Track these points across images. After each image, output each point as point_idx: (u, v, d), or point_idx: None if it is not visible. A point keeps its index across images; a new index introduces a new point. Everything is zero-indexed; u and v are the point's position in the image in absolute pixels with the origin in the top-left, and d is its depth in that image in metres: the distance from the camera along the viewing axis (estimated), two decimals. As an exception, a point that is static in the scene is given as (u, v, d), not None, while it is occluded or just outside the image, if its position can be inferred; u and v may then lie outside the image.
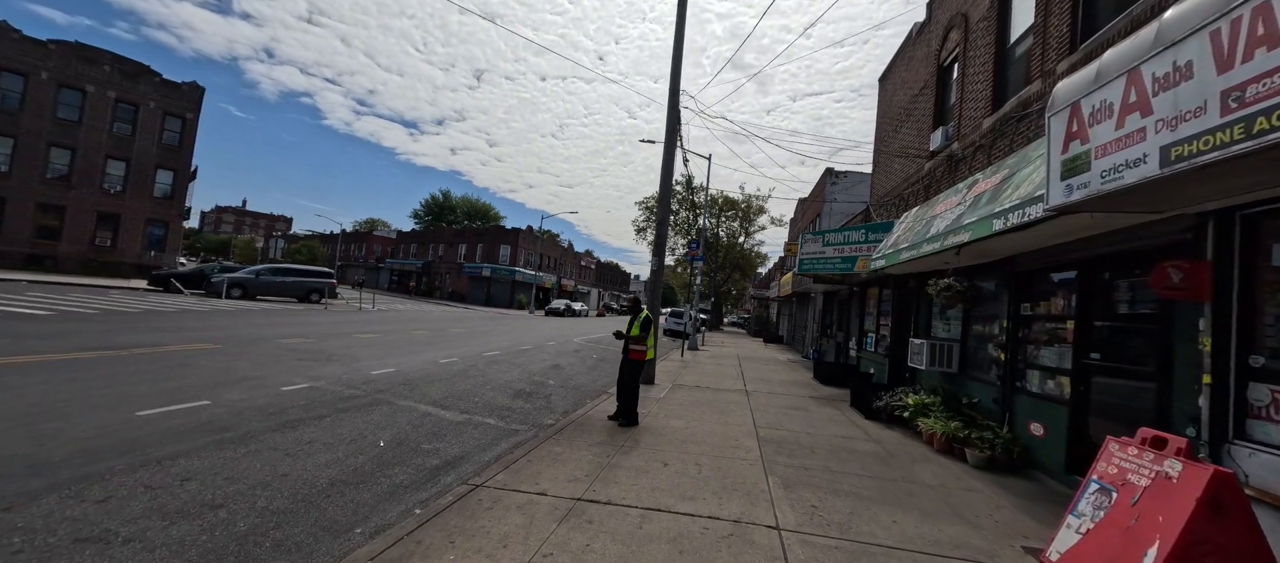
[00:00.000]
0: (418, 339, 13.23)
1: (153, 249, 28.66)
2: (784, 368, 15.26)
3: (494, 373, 9.44)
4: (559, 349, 14.86)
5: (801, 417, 7.75)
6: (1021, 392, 6.00)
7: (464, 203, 75.55)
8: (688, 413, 7.43)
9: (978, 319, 7.36)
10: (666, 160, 10.46)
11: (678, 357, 15.93)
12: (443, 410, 6.42)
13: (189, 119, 29.70)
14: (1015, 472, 5.52)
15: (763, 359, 17.84)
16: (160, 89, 28.69)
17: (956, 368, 7.62)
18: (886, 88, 13.52)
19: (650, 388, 9.42)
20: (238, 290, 22.08)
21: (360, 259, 72.21)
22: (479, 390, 7.80)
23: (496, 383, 8.54)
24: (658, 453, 5.28)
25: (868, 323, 12.79)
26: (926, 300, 9.18)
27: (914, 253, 7.06)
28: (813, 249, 11.51)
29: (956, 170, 8.38)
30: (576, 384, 9.54)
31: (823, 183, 21.54)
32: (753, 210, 47.58)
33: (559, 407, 7.49)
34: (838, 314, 16.64)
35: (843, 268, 10.73)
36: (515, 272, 48.18)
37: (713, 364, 14.51)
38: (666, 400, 8.32)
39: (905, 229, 8.50)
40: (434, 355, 10.61)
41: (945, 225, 6.39)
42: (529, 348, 14.18)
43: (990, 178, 6.13)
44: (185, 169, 29.70)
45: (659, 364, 13.28)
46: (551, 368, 11.06)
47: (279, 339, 10.42)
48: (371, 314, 20.69)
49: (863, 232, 10.39)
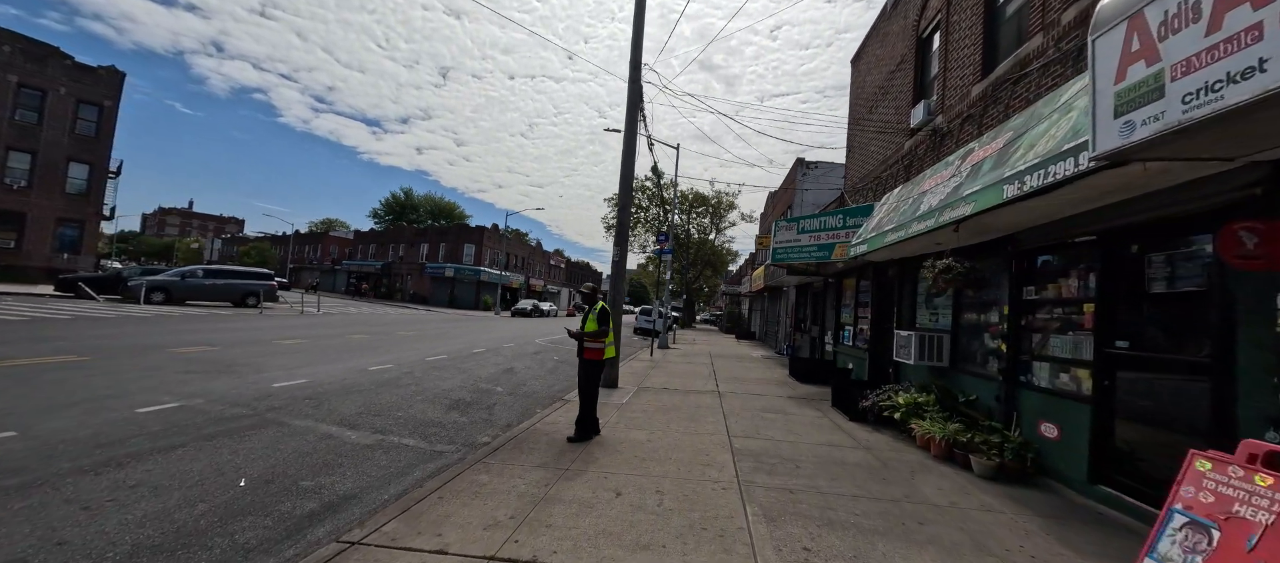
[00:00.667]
0: (353, 344, 11.81)
1: (66, 252, 25.80)
2: (758, 365, 14.50)
3: (432, 381, 8.23)
4: (516, 351, 13.66)
5: (780, 422, 6.87)
6: (1028, 387, 5.26)
7: (427, 201, 72.62)
8: (653, 421, 6.45)
9: (971, 307, 6.64)
10: (628, 139, 9.45)
11: (647, 356, 14.96)
12: (349, 431, 5.22)
13: (107, 107, 26.90)
14: (1028, 482, 4.76)
15: (735, 356, 17.07)
16: (72, 73, 25.84)
17: (948, 362, 6.89)
18: (859, 69, 12.89)
19: (612, 392, 8.40)
20: (159, 295, 19.89)
21: (315, 261, 68.48)
22: (406, 403, 6.60)
23: (431, 393, 7.35)
24: (611, 477, 4.27)
25: (845, 315, 12.12)
26: (910, 289, 8.48)
27: (902, 234, 6.28)
28: (787, 237, 10.72)
29: (942, 145, 7.68)
30: (529, 391, 8.42)
31: (794, 173, 20.98)
32: (723, 206, 47.17)
33: (501, 419, 6.38)
34: (812, 307, 16.02)
35: (820, 256, 9.97)
36: (480, 272, 46.30)
37: (683, 363, 13.60)
38: (630, 406, 7.32)
39: (888, 211, 7.75)
40: (365, 362, 9.29)
41: (939, 200, 5.60)
42: (482, 351, 12.93)
43: (989, 144, 5.38)
44: (103, 163, 26.89)
45: (626, 365, 12.28)
46: (503, 373, 9.89)
47: (174, 348, 8.89)
48: (313, 318, 18.93)
49: (840, 217, 9.65)
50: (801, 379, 11.24)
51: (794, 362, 12.07)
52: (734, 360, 15.43)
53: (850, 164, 13.02)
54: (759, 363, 15.16)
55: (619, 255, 9.38)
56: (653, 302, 29.70)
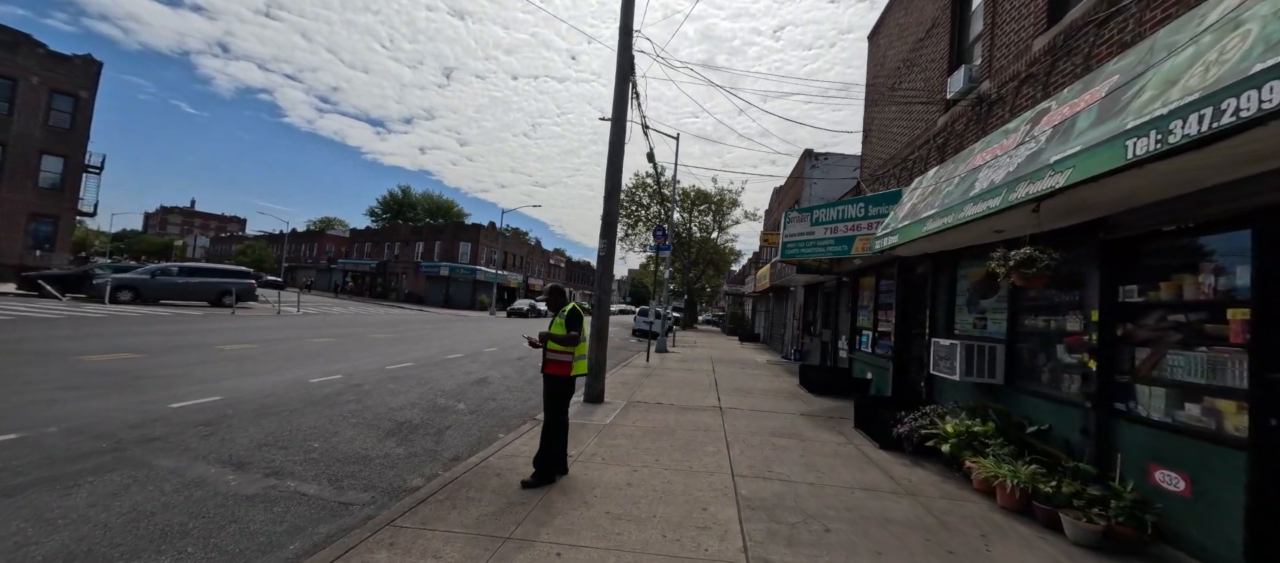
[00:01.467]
0: (310, 350, 10.58)
1: (39, 248, 24.71)
2: (764, 373, 13.20)
3: (382, 396, 6.98)
4: (498, 357, 12.40)
5: (796, 451, 5.59)
6: (1131, 419, 3.97)
7: (425, 200, 71.54)
8: (638, 451, 5.18)
9: (1035, 309, 5.34)
10: (617, 118, 8.19)
11: (642, 362, 13.70)
12: (232, 473, 3.98)
13: (83, 97, 25.81)
14: (1146, 554, 3.47)
15: (739, 362, 15.78)
16: (46, 62, 24.75)
17: (1002, 378, 5.60)
18: (878, 44, 11.59)
19: (595, 409, 7.14)
20: (128, 293, 18.75)
21: (311, 260, 67.55)
22: (333, 428, 5.35)
23: (373, 413, 6.09)
24: (568, 553, 3.01)
25: (862, 319, 10.82)
26: (947, 288, 7.18)
27: (948, 221, 5.00)
28: (798, 230, 9.43)
29: (990, 115, 6.39)
30: (497, 407, 7.17)
31: (801, 166, 19.66)
32: (726, 203, 45.90)
33: (450, 449, 5.13)
34: (822, 309, 14.72)
35: (836, 251, 8.68)
36: (476, 271, 45.12)
37: (682, 370, 12.33)
38: (614, 429, 6.05)
39: (923, 196, 6.47)
40: (310, 372, 8.05)
41: (1004, 175, 4.32)
42: (458, 356, 11.68)
43: (1078, 98, 4.09)
44: (79, 155, 25.80)
45: (618, 373, 11.02)
46: (473, 384, 8.64)
47: (86, 356, 7.67)
48: (288, 319, 17.73)
49: (861, 205, 8.35)
50: (814, 391, 9.95)
51: (805, 371, 10.78)
52: (737, 367, 14.14)
53: (867, 150, 11.72)
54: (765, 370, 13.86)
55: (605, 249, 8.11)
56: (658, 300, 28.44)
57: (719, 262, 51.05)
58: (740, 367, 14.15)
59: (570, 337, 4.27)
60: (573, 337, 4.27)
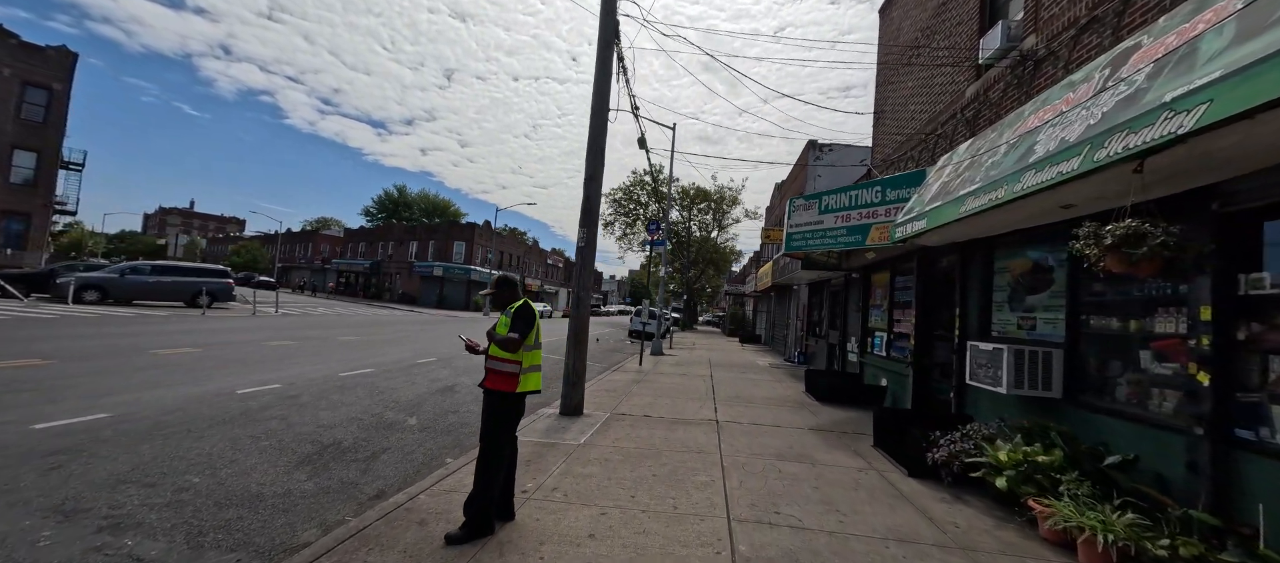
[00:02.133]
0: (262, 355, 9.57)
1: (10, 247, 23.73)
2: (766, 378, 12.16)
3: (315, 410, 5.95)
4: (474, 361, 11.37)
5: (808, 480, 4.56)
6: (1266, 452, 2.94)
7: (422, 199, 70.57)
8: (612, 484, 4.15)
9: (1108, 307, 4.31)
10: (599, 87, 7.18)
11: (635, 366, 12.67)
12: (57, 524, 2.96)
13: (57, 90, 24.85)
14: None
15: (739, 366, 14.73)
16: (17, 53, 23.79)
17: (1060, 391, 4.56)
18: (890, 16, 10.57)
19: (571, 423, 6.11)
20: (93, 293, 17.76)
21: (306, 260, 66.63)
22: (232, 454, 4.33)
23: (295, 433, 5.07)
24: (470, 676, 1.98)
25: (875, 319, 9.78)
26: (981, 281, 6.13)
27: (998, 195, 3.99)
28: (805, 220, 8.41)
29: (1037, 73, 5.36)
30: (456, 422, 6.14)
31: (804, 158, 18.64)
32: (726, 202, 44.92)
33: (375, 483, 4.10)
34: (829, 308, 13.69)
35: (849, 242, 7.65)
36: (470, 270, 44.13)
37: (677, 375, 11.29)
38: (586, 453, 5.02)
39: (956, 172, 5.45)
40: (243, 381, 7.03)
41: (1084, 130, 3.30)
42: (431, 361, 10.65)
43: (1192, 21, 3.06)
44: (53, 150, 24.83)
45: (605, 378, 10.00)
46: (436, 393, 7.61)
47: (-16, 362, 6.66)
48: (261, 321, 16.73)
49: (877, 189, 7.32)
50: (822, 399, 8.90)
51: (811, 376, 9.74)
52: (737, 371, 13.10)
53: (880, 134, 10.69)
54: (767, 375, 12.82)
55: (585, 240, 7.09)
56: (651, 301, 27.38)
57: (719, 261, 50.07)
58: (740, 371, 13.10)
59: (509, 340, 3.24)
60: (512, 340, 3.23)
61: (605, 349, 17.71)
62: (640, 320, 25.22)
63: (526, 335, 3.29)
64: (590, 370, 12.05)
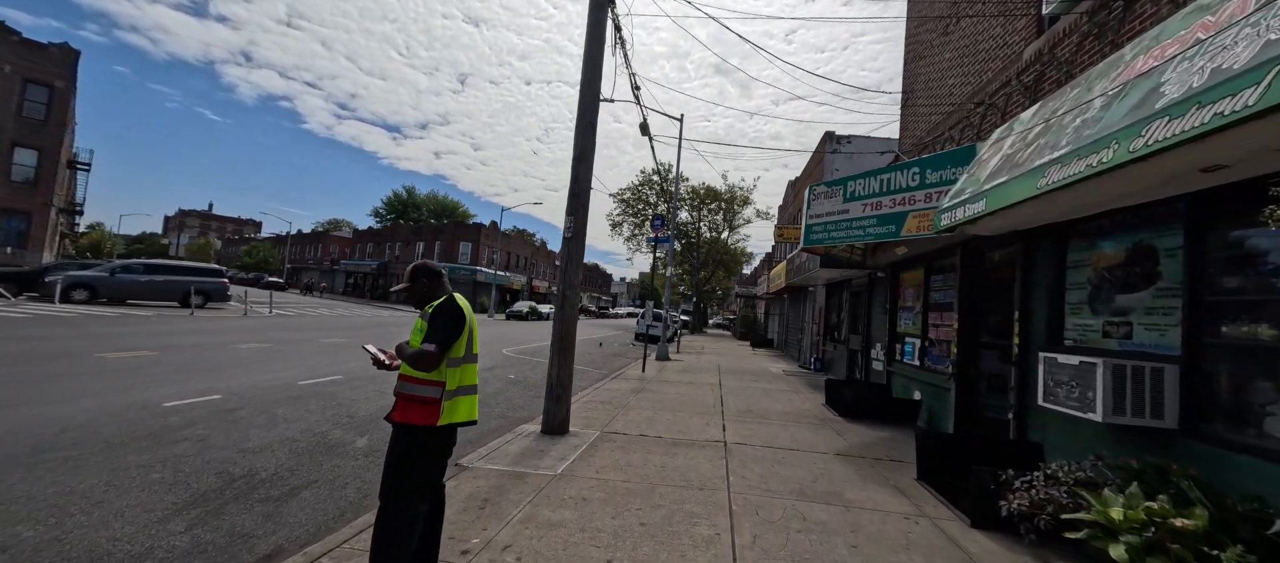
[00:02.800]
0: (223, 359, 8.76)
1: (9, 245, 23.47)
2: (781, 388, 11.08)
3: (246, 428, 5.04)
4: (463, 366, 10.44)
5: (844, 535, 3.52)
6: None
7: (430, 200, 70.46)
8: (583, 540, 3.16)
9: (1250, 309, 3.22)
10: (591, 50, 6.22)
11: (637, 372, 11.67)
12: None
13: (58, 87, 24.61)
14: None
15: (751, 373, 13.65)
16: (18, 50, 23.58)
17: (1176, 420, 3.47)
18: (922, -15, 9.47)
19: (552, 445, 5.13)
20: (83, 292, 17.25)
21: (315, 261, 66.78)
22: (105, 489, 3.41)
23: (208, 458, 4.15)
24: None
25: (905, 323, 8.67)
26: (1049, 277, 5.04)
27: (1106, 157, 2.94)
28: (827, 210, 7.35)
29: (1128, 16, 4.28)
30: (414, 443, 5.18)
31: (820, 151, 17.52)
32: (737, 201, 43.79)
33: (277, 534, 3.16)
34: (850, 311, 12.56)
35: (880, 233, 6.58)
36: (476, 271, 43.50)
37: (682, 383, 10.27)
38: (563, 485, 4.04)
39: (1022, 142, 4.38)
40: (178, 391, 6.15)
41: (1258, 54, 2.25)
42: (413, 366, 9.77)
43: None
44: (54, 148, 24.59)
45: (602, 387, 9.02)
46: (405, 405, 6.68)
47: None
48: (249, 322, 16.04)
49: (914, 171, 6.25)
50: (847, 414, 7.81)
51: (832, 387, 8.65)
52: (749, 379, 12.03)
53: (909, 116, 9.59)
54: (782, 384, 11.73)
55: (573, 229, 6.12)
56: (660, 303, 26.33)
57: (729, 263, 48.94)
58: (752, 379, 12.03)
59: (421, 354, 2.25)
60: (425, 354, 2.25)
61: (608, 353, 16.74)
62: (645, 323, 24.26)
63: (449, 345, 2.31)
64: (587, 377, 11.09)
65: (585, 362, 13.78)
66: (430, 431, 2.31)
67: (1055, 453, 4.41)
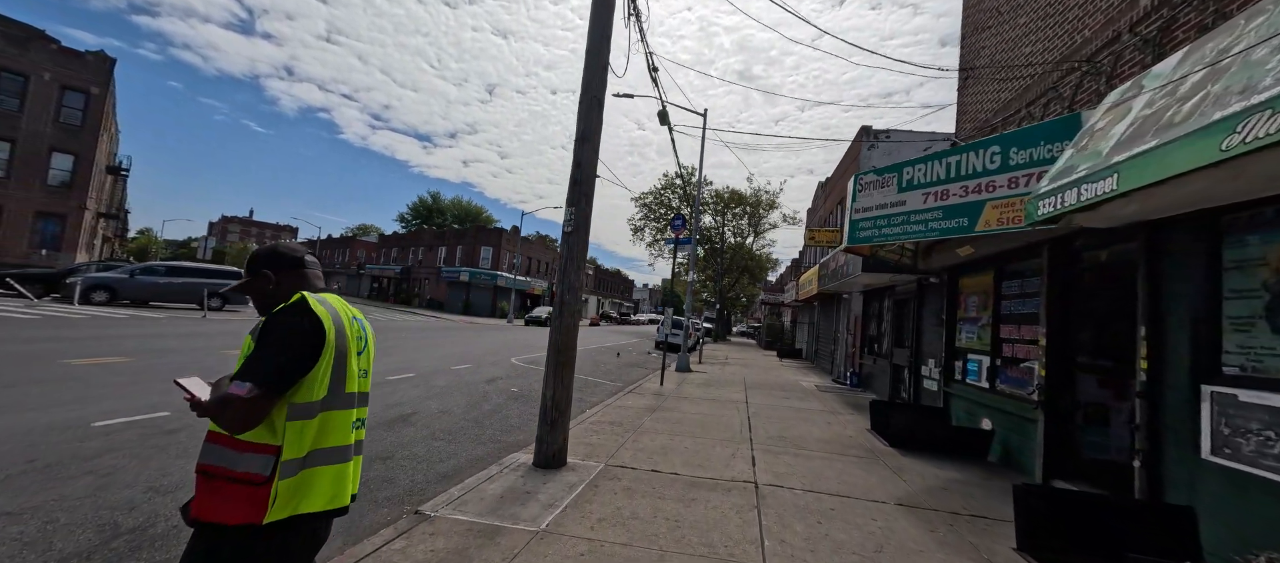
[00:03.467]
0: (202, 368, 8.13)
1: (44, 247, 24.05)
2: (816, 407, 9.86)
3: (168, 459, 4.22)
4: (460, 381, 9.61)
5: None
6: None
7: (454, 205, 71.14)
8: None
9: None
10: (598, 11, 5.28)
11: (655, 385, 10.63)
12: None
13: (94, 94, 25.24)
14: None
15: (781, 387, 12.43)
16: (57, 58, 24.27)
17: None
18: (984, -52, 8.24)
19: (543, 483, 4.14)
20: (103, 294, 17.27)
21: (342, 266, 68.09)
22: (-65, 554, 2.58)
23: (98, 501, 3.31)
24: None
25: (966, 336, 7.40)
26: (1191, 282, 3.80)
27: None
28: (878, 202, 6.21)
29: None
30: (374, 478, 4.28)
31: (856, 148, 16.20)
32: (763, 205, 42.36)
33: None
34: (893, 321, 11.24)
35: (947, 229, 5.41)
36: (497, 276, 43.21)
37: (704, 400, 9.17)
38: (540, 550, 3.04)
39: (1172, 94, 3.22)
40: (127, 406, 5.42)
41: None
42: (410, 375, 8.94)
43: None
44: (89, 152, 25.19)
45: (614, 403, 8.02)
46: (383, 425, 5.81)
47: None
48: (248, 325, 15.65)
49: (995, 150, 5.07)
50: (899, 444, 6.58)
51: (879, 410, 7.42)
52: (779, 395, 10.83)
53: (969, 98, 8.34)
54: (816, 402, 10.49)
55: (574, 222, 5.16)
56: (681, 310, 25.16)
57: (755, 269, 47.44)
58: (782, 395, 10.82)
59: (228, 402, 1.28)
60: (237, 403, 1.27)
61: (625, 363, 15.74)
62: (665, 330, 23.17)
63: (284, 380, 1.34)
64: (600, 390, 10.11)
65: (600, 373, 12.82)
66: (251, 535, 1.33)
67: (1216, 522, 3.19)
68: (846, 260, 11.10)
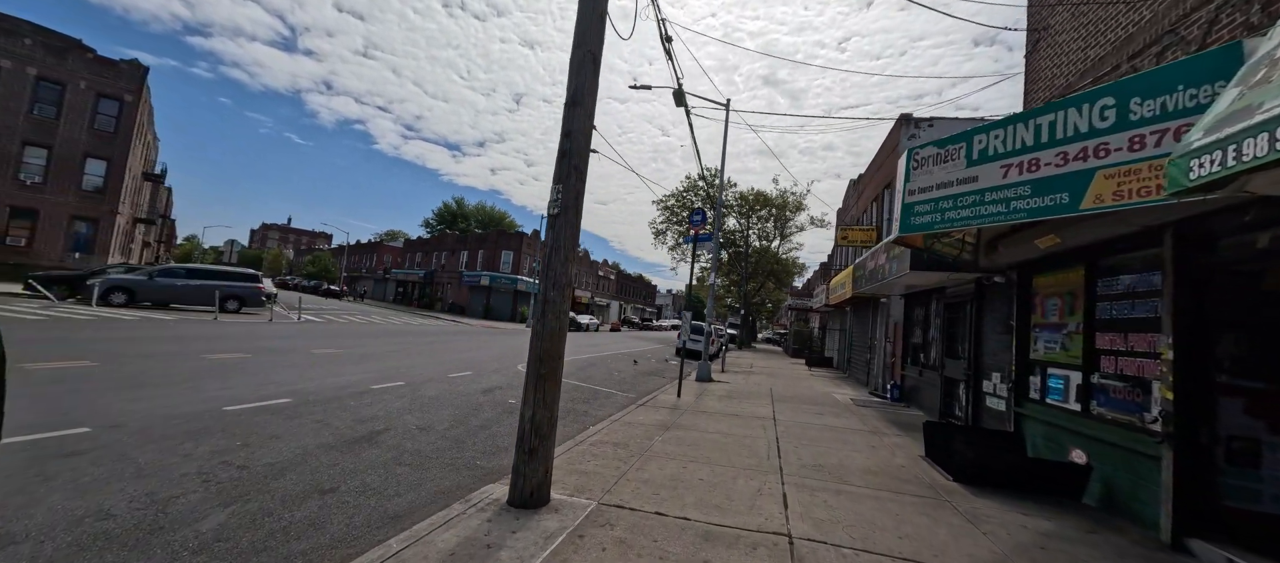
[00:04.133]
0: (169, 374, 7.49)
1: (78, 251, 24.64)
2: (854, 425, 8.63)
3: (94, 481, 3.43)
4: (459, 387, 8.77)
5: None
6: None
7: (478, 211, 71.66)
8: None
9: None
10: (587, -48, 4.34)
11: (671, 397, 9.58)
12: None
13: (128, 101, 25.84)
14: None
15: (812, 401, 11.20)
16: (93, 67, 24.95)
17: None
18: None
19: (514, 530, 3.17)
20: (121, 296, 17.28)
21: (370, 270, 69.30)
22: None
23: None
24: None
25: (1045, 345, 6.10)
26: None
27: None
28: (940, 178, 5.05)
29: None
30: (300, 521, 3.39)
31: (895, 137, 14.85)
32: (789, 207, 40.83)
33: None
34: (942, 327, 9.89)
35: (1038, 209, 4.22)
36: (517, 281, 42.83)
37: (726, 415, 8.08)
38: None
39: None
40: (46, 422, 4.70)
41: None
42: (396, 384, 8.14)
43: None
44: (121, 159, 25.77)
45: (624, 419, 7.02)
46: (345, 445, 4.95)
47: None
48: (263, 328, 15.33)
49: (1109, 99, 3.87)
50: (965, 478, 5.35)
51: (937, 436, 6.18)
52: (811, 410, 9.62)
53: (1039, 63, 7.07)
54: (853, 418, 9.25)
55: (560, 204, 4.20)
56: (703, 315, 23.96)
57: (781, 273, 45.82)
58: (814, 410, 9.60)
59: None
60: None
61: (642, 372, 14.72)
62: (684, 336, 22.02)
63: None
64: (611, 402, 9.13)
65: (613, 382, 11.85)
66: None
67: None
68: (888, 259, 9.84)
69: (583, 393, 9.46)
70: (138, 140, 28.73)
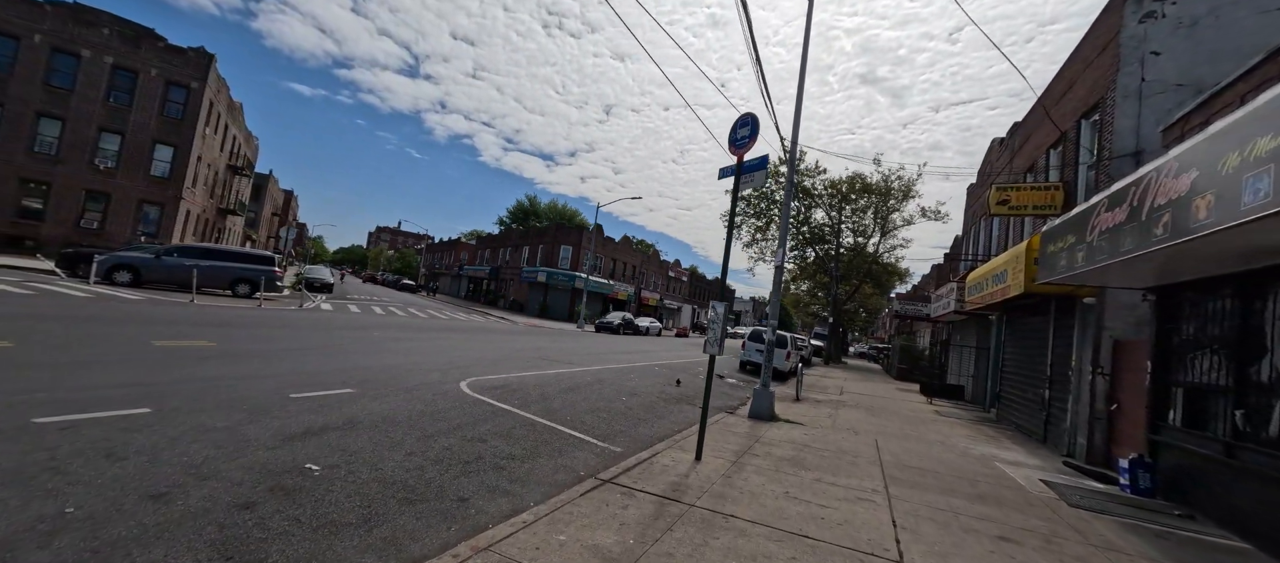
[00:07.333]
0: None
1: (145, 233, 25.23)
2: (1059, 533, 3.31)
3: None
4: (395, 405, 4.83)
5: None
6: None
7: (551, 209, 70.76)
8: None
9: None
10: None
11: (681, 461, 4.95)
12: None
13: (194, 88, 26.27)
14: None
15: (962, 479, 5.90)
16: (163, 55, 25.55)
17: None
18: None
19: None
20: (126, 275, 16.14)
21: (445, 267, 71.04)
22: None
23: None
24: None
25: None
26: None
27: None
28: None
29: None
30: None
31: (1112, 23, 8.84)
32: (894, 194, 33.60)
33: None
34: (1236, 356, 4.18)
35: None
36: (574, 277, 39.81)
37: (771, 530, 3.35)
38: None
39: None
40: None
41: None
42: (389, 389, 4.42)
43: None
44: (187, 144, 26.20)
45: (661, 462, 2.52)
46: None
47: None
48: (268, 314, 12.88)
49: None
50: None
51: None
52: (965, 501, 4.41)
53: None
54: (1073, 537, 3.89)
55: None
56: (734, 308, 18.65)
57: (880, 275, 38.31)
58: (968, 501, 4.42)
59: None
60: None
61: (675, 398, 10.11)
62: (754, 347, 16.86)
63: None
64: (561, 474, 4.48)
65: (596, 420, 7.38)
66: None
67: None
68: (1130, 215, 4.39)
69: (509, 447, 5.15)
70: (212, 131, 29.58)
